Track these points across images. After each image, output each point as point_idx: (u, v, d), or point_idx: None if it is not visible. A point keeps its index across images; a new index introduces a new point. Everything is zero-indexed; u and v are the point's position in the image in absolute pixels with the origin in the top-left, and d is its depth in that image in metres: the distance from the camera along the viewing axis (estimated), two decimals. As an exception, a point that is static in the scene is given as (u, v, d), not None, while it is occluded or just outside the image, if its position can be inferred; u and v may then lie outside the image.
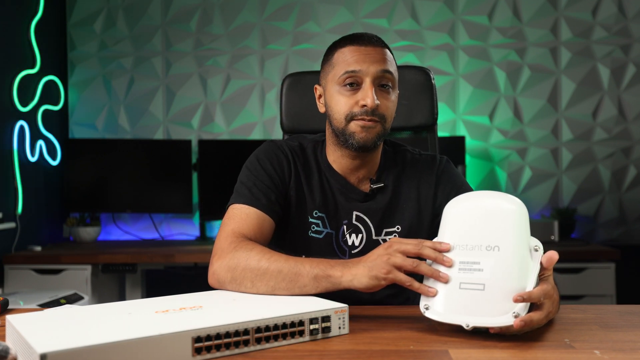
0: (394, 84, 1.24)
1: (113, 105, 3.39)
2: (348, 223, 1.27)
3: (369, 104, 1.18)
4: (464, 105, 3.29)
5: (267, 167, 1.26)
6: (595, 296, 2.74)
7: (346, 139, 1.22)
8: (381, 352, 0.84)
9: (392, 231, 1.28)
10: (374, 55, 1.21)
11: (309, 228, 1.27)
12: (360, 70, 1.19)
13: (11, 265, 2.73)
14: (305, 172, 1.29)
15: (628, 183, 3.25)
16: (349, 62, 1.21)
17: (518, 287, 0.89)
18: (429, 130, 1.61)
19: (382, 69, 1.20)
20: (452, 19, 3.32)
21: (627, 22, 3.23)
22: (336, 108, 1.23)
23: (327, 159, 1.30)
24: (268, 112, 3.36)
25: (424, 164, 1.32)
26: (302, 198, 1.27)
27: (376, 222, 1.27)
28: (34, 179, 3.04)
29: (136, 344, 0.75)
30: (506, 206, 0.96)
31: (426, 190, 1.29)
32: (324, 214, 1.27)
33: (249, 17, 3.37)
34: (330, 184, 1.29)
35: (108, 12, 3.40)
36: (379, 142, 1.24)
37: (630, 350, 0.84)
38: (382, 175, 1.30)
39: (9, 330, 0.87)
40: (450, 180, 1.30)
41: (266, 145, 1.31)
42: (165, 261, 2.79)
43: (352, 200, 1.28)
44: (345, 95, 1.21)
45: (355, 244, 1.27)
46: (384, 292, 1.13)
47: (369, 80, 1.19)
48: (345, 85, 1.21)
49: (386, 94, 1.22)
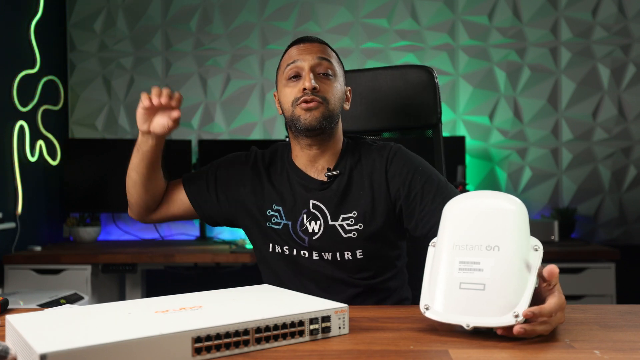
0: (335, 73, 1.35)
1: (113, 105, 3.39)
2: (307, 212, 1.36)
3: (307, 86, 1.30)
4: (464, 105, 3.29)
5: (222, 172, 1.44)
6: (595, 296, 2.74)
7: (295, 124, 1.33)
8: (381, 352, 0.84)
9: (348, 216, 1.34)
10: (311, 48, 1.35)
11: (268, 220, 1.38)
12: (299, 60, 1.33)
13: (11, 265, 2.72)
14: (268, 172, 1.42)
15: (628, 183, 3.25)
16: (290, 57, 1.35)
17: (518, 287, 0.89)
18: (434, 129, 1.61)
19: (319, 56, 1.33)
20: (452, 19, 3.32)
21: (627, 22, 3.23)
22: (284, 99, 1.35)
23: (290, 157, 1.42)
24: (268, 112, 3.36)
25: (376, 152, 1.39)
26: (261, 195, 1.40)
27: (332, 208, 1.35)
28: (33, 179, 3.04)
29: (136, 344, 0.75)
30: (506, 206, 0.96)
31: (378, 177, 1.36)
32: (280, 207, 1.37)
33: (249, 17, 3.37)
34: (291, 178, 1.39)
35: (108, 12, 3.40)
36: (326, 124, 1.32)
37: (630, 350, 0.84)
38: (339, 165, 1.39)
39: (8, 330, 0.87)
40: (401, 162, 1.35)
41: (237, 152, 1.48)
42: (165, 261, 2.79)
43: (311, 190, 1.37)
44: (290, 86, 1.34)
45: (315, 230, 1.35)
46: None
47: (307, 67, 1.32)
48: (289, 78, 1.34)
49: (327, 80, 1.33)
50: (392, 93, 1.61)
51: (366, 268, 1.35)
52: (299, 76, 1.33)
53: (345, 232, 1.33)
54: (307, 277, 1.37)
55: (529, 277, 0.90)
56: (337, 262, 1.34)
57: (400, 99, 1.60)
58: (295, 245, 1.36)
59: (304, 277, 1.37)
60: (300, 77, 1.33)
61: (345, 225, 1.33)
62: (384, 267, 1.38)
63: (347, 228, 1.33)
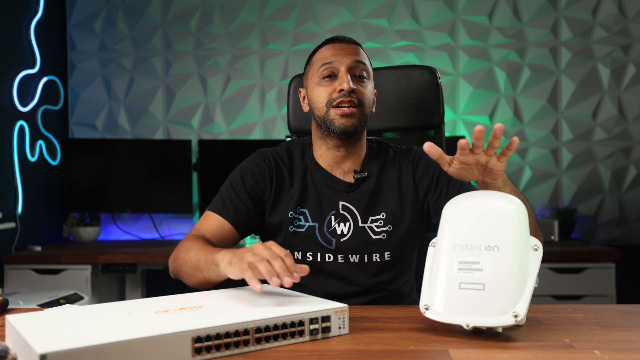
0: (369, 75, 1.35)
1: (113, 105, 3.38)
2: (336, 213, 1.34)
3: (345, 87, 1.28)
4: (464, 105, 3.29)
5: (248, 181, 1.36)
6: (595, 296, 2.74)
7: (328, 126, 1.31)
8: (381, 352, 0.84)
9: (377, 218, 1.34)
10: (347, 50, 1.33)
11: (290, 224, 1.34)
12: (336, 61, 1.31)
13: (11, 265, 2.73)
14: (290, 173, 1.38)
15: (628, 183, 3.24)
16: (325, 57, 1.33)
17: (518, 287, 0.89)
18: (437, 129, 1.61)
19: (355, 59, 1.32)
20: (452, 19, 3.32)
21: (627, 22, 3.23)
22: (317, 98, 1.33)
23: (313, 157, 1.39)
24: (268, 112, 3.36)
25: (403, 156, 1.41)
26: (282, 199, 1.36)
27: (362, 210, 1.35)
28: (34, 179, 3.04)
29: (136, 344, 0.75)
30: (506, 206, 0.96)
31: (407, 178, 1.37)
32: (305, 209, 1.35)
33: (249, 17, 3.37)
34: (316, 179, 1.37)
35: (108, 12, 3.40)
36: (361, 129, 1.33)
37: (630, 350, 0.84)
38: (366, 167, 1.39)
39: (8, 330, 0.87)
40: (427, 163, 1.38)
41: (251, 156, 1.41)
42: (165, 261, 2.78)
43: (339, 191, 1.36)
44: (324, 85, 1.32)
45: (344, 232, 1.34)
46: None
47: (344, 69, 1.31)
48: (323, 77, 1.32)
49: (362, 82, 1.33)
50: (395, 93, 1.61)
51: (389, 270, 1.35)
52: (334, 76, 1.31)
53: (375, 234, 1.33)
54: (328, 283, 1.33)
55: (528, 277, 0.90)
56: (364, 264, 1.33)
57: (404, 99, 1.61)
58: (320, 249, 1.33)
59: (326, 284, 1.33)
60: (335, 77, 1.31)
61: (375, 227, 1.33)
62: (403, 269, 1.39)
63: (376, 230, 1.33)
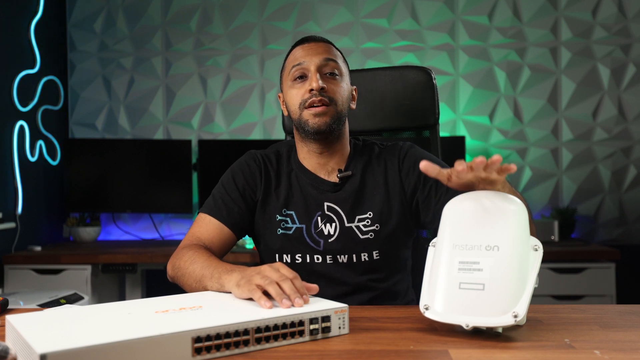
0: (341, 72, 1.34)
1: (113, 105, 3.38)
2: (322, 214, 1.34)
3: (314, 86, 1.28)
4: (464, 105, 3.29)
5: (239, 180, 1.37)
6: (595, 296, 2.74)
7: (303, 127, 1.31)
8: (381, 352, 0.84)
9: (364, 217, 1.33)
10: (317, 49, 1.33)
11: (278, 226, 1.34)
12: (305, 61, 1.31)
13: (11, 265, 2.73)
14: (277, 175, 1.38)
15: (628, 183, 3.24)
16: (296, 58, 1.33)
17: (518, 287, 0.89)
18: (431, 129, 1.61)
19: (325, 57, 1.31)
20: (452, 19, 3.31)
21: (627, 22, 3.23)
22: (291, 101, 1.33)
23: (298, 159, 1.39)
24: (268, 112, 3.36)
25: (388, 152, 1.39)
26: (270, 200, 1.36)
27: (347, 209, 1.34)
28: (34, 179, 3.04)
29: (136, 344, 0.75)
30: (506, 206, 0.96)
31: (393, 175, 1.36)
32: (292, 211, 1.35)
33: (249, 17, 3.37)
34: (301, 180, 1.37)
35: (108, 12, 3.40)
36: (335, 127, 1.31)
37: (630, 350, 0.84)
38: (350, 166, 1.37)
39: (8, 330, 0.87)
40: (413, 158, 1.35)
41: (242, 157, 1.42)
42: (165, 261, 2.77)
43: (323, 192, 1.35)
44: (296, 87, 1.32)
45: (330, 232, 1.33)
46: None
47: (313, 68, 1.30)
48: (295, 80, 1.32)
49: (333, 79, 1.32)
50: (390, 93, 1.61)
51: (380, 269, 1.34)
52: (305, 77, 1.31)
53: (363, 234, 1.32)
54: (319, 284, 1.32)
55: (528, 277, 0.90)
56: (353, 264, 1.32)
57: (399, 99, 1.60)
58: (308, 251, 1.33)
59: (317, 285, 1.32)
60: (306, 78, 1.31)
61: (362, 227, 1.32)
62: (396, 268, 1.37)
63: (363, 229, 1.32)
